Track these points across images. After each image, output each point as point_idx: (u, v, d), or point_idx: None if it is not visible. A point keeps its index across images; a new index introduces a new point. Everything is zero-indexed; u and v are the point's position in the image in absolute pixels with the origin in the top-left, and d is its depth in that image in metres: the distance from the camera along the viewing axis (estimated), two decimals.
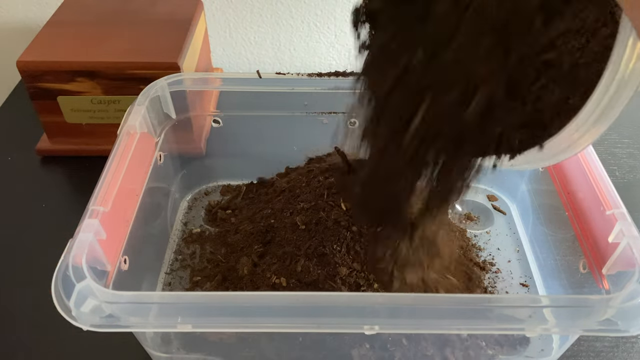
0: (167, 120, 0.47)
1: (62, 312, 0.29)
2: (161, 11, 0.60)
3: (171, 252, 0.48)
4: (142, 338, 0.37)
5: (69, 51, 0.54)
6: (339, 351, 0.38)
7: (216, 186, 0.55)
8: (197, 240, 0.49)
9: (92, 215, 0.34)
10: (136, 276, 0.39)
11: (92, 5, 0.61)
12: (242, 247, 0.44)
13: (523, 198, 0.51)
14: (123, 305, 0.30)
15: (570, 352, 0.42)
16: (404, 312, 0.30)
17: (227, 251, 0.46)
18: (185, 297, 0.33)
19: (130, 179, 0.39)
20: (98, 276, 0.32)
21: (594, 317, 0.30)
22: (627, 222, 0.34)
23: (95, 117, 0.56)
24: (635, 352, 0.42)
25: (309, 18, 0.73)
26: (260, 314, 0.30)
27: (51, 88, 0.53)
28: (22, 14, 0.74)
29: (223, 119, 0.51)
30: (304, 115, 0.48)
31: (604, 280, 0.35)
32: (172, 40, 0.55)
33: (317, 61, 0.78)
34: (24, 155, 0.59)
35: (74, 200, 0.54)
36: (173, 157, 0.50)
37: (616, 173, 0.58)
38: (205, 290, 0.43)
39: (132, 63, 0.52)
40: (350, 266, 0.39)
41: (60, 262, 0.31)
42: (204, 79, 0.48)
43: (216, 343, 0.39)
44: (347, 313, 0.30)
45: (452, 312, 0.30)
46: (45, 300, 0.31)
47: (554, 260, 0.44)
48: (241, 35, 0.75)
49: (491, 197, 0.54)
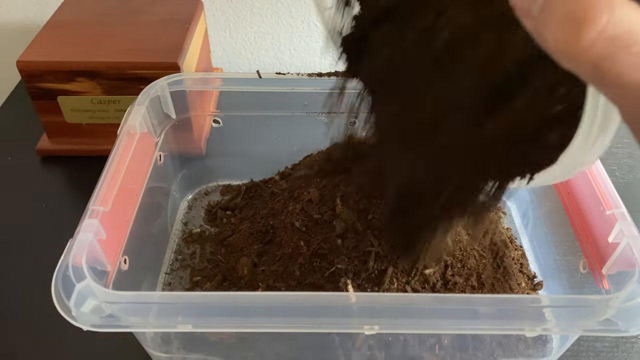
0: (167, 120, 0.47)
1: (62, 312, 0.29)
2: (161, 11, 0.60)
3: (171, 252, 0.48)
4: (142, 338, 0.37)
5: (69, 51, 0.53)
6: (339, 351, 0.38)
7: (216, 186, 0.55)
8: (197, 240, 0.49)
9: (92, 215, 0.34)
10: (136, 276, 0.39)
11: (92, 5, 0.61)
12: (241, 247, 0.44)
13: (523, 198, 0.51)
14: (123, 305, 0.30)
15: (570, 352, 0.42)
16: (404, 312, 0.30)
17: (227, 251, 0.46)
18: (185, 297, 0.33)
19: (130, 179, 0.39)
20: (98, 276, 0.32)
21: (594, 317, 0.30)
22: (627, 222, 0.34)
23: (95, 117, 0.56)
24: (636, 352, 0.42)
25: (309, 18, 0.73)
26: (260, 314, 0.30)
27: (51, 88, 0.53)
28: (22, 14, 0.74)
29: (223, 119, 0.51)
30: (304, 115, 0.48)
31: (604, 280, 0.35)
32: (172, 40, 0.55)
33: (317, 61, 0.78)
34: (24, 155, 0.59)
35: (74, 200, 0.54)
36: (173, 157, 0.50)
37: (616, 173, 0.58)
38: (205, 290, 0.43)
39: (132, 63, 0.52)
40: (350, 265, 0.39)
41: (60, 262, 0.31)
42: (204, 79, 0.48)
43: (216, 343, 0.39)
44: (347, 313, 0.30)
45: (452, 312, 0.30)
46: (45, 300, 0.31)
47: (554, 260, 0.44)
48: (241, 35, 0.75)
49: None
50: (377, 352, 0.38)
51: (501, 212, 0.52)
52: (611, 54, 0.16)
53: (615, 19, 0.15)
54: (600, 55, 0.16)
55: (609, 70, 0.16)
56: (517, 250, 0.48)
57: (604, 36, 0.15)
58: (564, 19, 0.16)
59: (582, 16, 0.16)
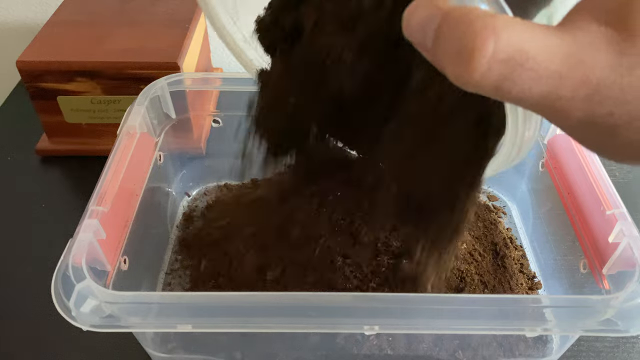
0: (167, 120, 0.47)
1: (62, 312, 0.29)
2: (161, 11, 0.60)
3: (171, 252, 0.48)
4: (142, 338, 0.37)
5: (69, 51, 0.53)
6: (339, 351, 0.38)
7: (216, 186, 0.55)
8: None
9: (91, 216, 0.34)
10: (136, 276, 0.39)
11: (92, 5, 0.61)
12: (241, 247, 0.44)
13: (523, 198, 0.51)
14: (123, 305, 0.30)
15: (571, 352, 0.42)
16: (404, 312, 0.30)
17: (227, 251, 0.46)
18: (185, 297, 0.33)
19: (130, 179, 0.39)
20: (98, 276, 0.32)
21: (594, 317, 0.30)
22: (627, 222, 0.34)
23: (95, 117, 0.56)
24: (636, 352, 0.42)
25: None
26: (260, 314, 0.30)
27: (51, 88, 0.53)
28: (22, 14, 0.74)
29: (223, 118, 0.51)
30: None
31: (604, 280, 0.35)
32: (172, 40, 0.55)
33: None
34: (24, 155, 0.59)
35: (74, 200, 0.54)
36: (173, 157, 0.50)
37: (616, 173, 0.58)
38: (205, 290, 0.43)
39: (132, 63, 0.52)
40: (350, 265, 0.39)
41: (60, 262, 0.31)
42: (203, 79, 0.48)
43: (216, 343, 0.39)
44: (347, 313, 0.30)
45: (452, 312, 0.30)
46: (45, 300, 0.31)
47: (554, 260, 0.44)
48: None
49: (491, 197, 0.54)
50: (377, 352, 0.38)
51: (501, 212, 0.52)
52: (508, 75, 0.16)
53: (502, 42, 0.16)
54: (498, 78, 0.16)
55: (510, 89, 0.16)
56: (517, 250, 0.48)
57: (496, 60, 0.16)
58: (455, 52, 0.16)
59: (471, 46, 0.16)
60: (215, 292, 0.41)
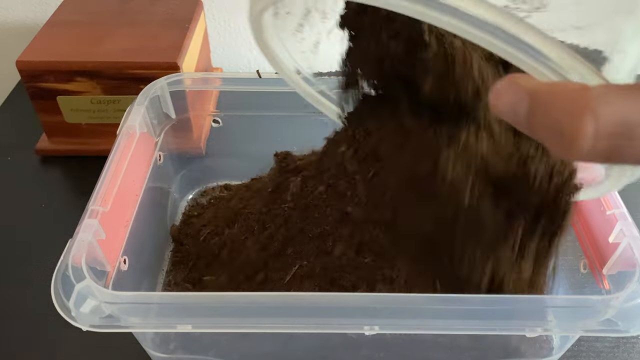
0: (166, 120, 0.47)
1: (62, 312, 0.29)
2: (161, 11, 0.60)
3: (171, 252, 0.48)
4: (142, 338, 0.37)
5: (69, 51, 0.53)
6: (339, 351, 0.38)
7: (216, 186, 0.55)
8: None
9: (91, 216, 0.34)
10: (136, 276, 0.39)
11: (92, 5, 0.61)
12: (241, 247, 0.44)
13: None
14: (123, 305, 0.30)
15: (571, 352, 0.42)
16: (404, 312, 0.30)
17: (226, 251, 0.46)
18: (185, 297, 0.33)
19: (130, 179, 0.39)
20: (98, 276, 0.32)
21: (594, 318, 0.30)
22: (627, 222, 0.34)
23: (94, 117, 0.56)
24: (636, 353, 0.42)
25: None
26: (260, 314, 0.30)
27: (51, 88, 0.53)
28: (22, 14, 0.74)
29: (223, 118, 0.51)
30: (304, 115, 0.48)
31: (604, 281, 0.35)
32: (172, 40, 0.55)
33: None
34: (23, 155, 0.59)
35: (74, 200, 0.54)
36: (173, 157, 0.50)
37: None
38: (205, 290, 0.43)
39: (132, 63, 0.52)
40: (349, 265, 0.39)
41: (60, 262, 0.31)
42: (203, 79, 0.48)
43: (216, 343, 0.38)
44: (347, 313, 0.30)
45: (452, 312, 0.30)
46: (44, 300, 0.31)
47: None
48: (241, 35, 0.75)
49: None
50: (377, 352, 0.38)
51: None
52: (616, 147, 0.15)
53: (602, 119, 0.15)
54: (604, 152, 0.15)
55: (619, 159, 0.16)
56: None
57: (599, 138, 0.15)
58: (554, 134, 0.16)
59: (569, 131, 0.15)
60: (215, 292, 0.41)
